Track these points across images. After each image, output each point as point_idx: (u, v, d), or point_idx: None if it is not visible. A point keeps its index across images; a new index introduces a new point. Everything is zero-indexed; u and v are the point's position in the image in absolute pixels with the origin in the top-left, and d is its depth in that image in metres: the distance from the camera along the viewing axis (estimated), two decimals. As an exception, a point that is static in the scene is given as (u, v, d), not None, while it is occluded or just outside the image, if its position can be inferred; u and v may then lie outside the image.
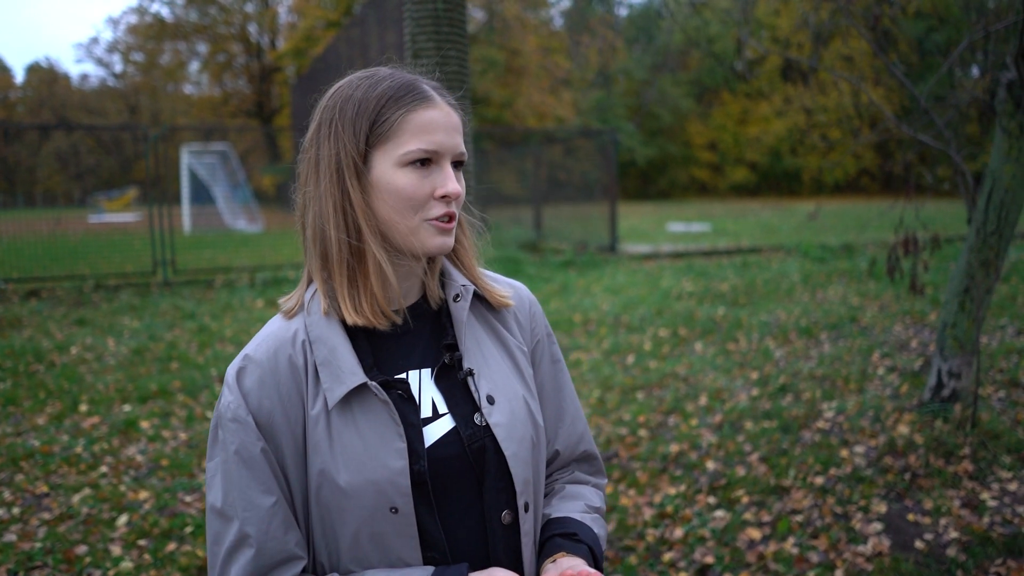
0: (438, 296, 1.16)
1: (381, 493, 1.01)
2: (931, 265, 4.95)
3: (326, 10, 35.03)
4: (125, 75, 51.79)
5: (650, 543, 3.38)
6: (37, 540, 3.50)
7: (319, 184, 1.06)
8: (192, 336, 7.56)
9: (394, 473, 1.01)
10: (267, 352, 1.05)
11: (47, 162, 45.50)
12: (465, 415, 1.09)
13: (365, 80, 1.08)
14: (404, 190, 1.04)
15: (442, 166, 1.06)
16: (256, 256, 13.62)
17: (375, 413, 1.03)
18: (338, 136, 1.05)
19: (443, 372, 1.11)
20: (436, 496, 1.05)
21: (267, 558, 1.01)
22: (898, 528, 3.36)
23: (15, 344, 7.08)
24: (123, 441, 4.77)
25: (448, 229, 1.07)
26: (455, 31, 2.68)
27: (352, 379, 1.02)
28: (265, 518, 1.01)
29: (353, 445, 1.02)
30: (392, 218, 1.05)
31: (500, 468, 1.09)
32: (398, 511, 1.02)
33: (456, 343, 1.13)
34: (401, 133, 1.03)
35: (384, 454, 1.02)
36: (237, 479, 1.01)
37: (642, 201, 41.31)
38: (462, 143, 1.09)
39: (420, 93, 1.06)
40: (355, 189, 1.04)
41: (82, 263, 12.43)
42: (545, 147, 18.50)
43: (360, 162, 1.04)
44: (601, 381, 5.76)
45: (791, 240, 15.31)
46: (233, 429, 1.02)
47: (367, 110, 1.04)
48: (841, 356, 6.08)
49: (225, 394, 1.05)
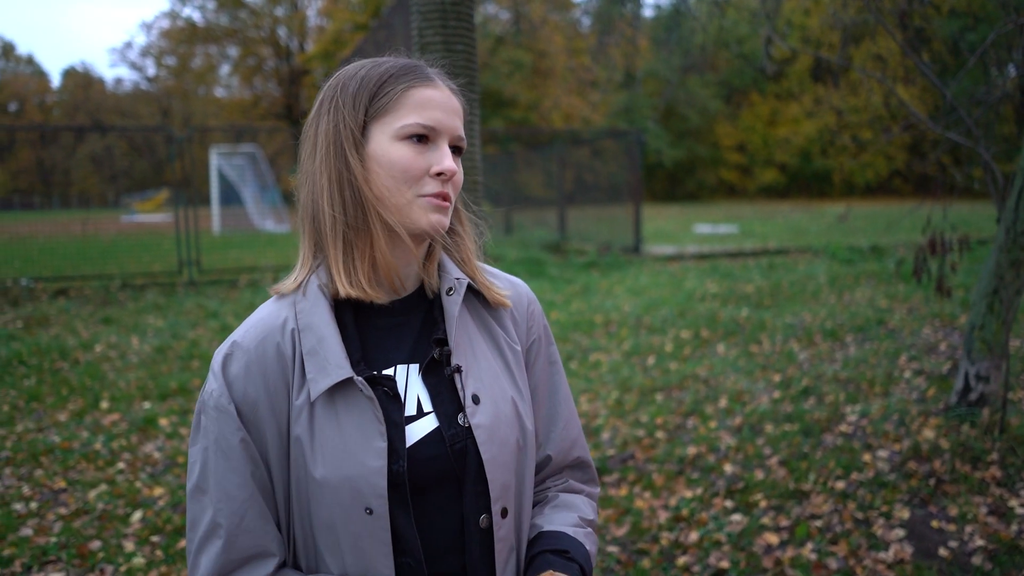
0: (435, 287, 1.13)
1: (356, 492, 0.98)
2: (960, 267, 4.81)
3: (354, 13, 35.31)
4: (158, 79, 52.65)
5: (664, 546, 3.32)
6: (52, 535, 3.52)
7: (315, 158, 1.05)
8: (214, 335, 7.62)
9: (371, 472, 0.98)
10: (255, 339, 1.03)
11: (82, 164, 46.39)
12: (449, 414, 1.06)
13: (369, 62, 1.08)
14: (400, 162, 1.02)
15: (439, 144, 1.04)
16: (281, 256, 13.73)
17: (358, 408, 1.00)
18: (338, 110, 1.04)
19: (431, 368, 1.08)
20: (413, 497, 1.02)
21: (237, 551, 0.98)
22: (921, 535, 3.27)
23: (41, 342, 7.18)
24: (141, 438, 4.81)
25: (443, 207, 1.04)
26: (462, 25, 2.64)
27: (338, 372, 0.99)
28: (239, 511, 0.99)
29: (332, 439, 0.99)
30: (389, 191, 1.02)
31: (480, 471, 1.06)
32: (372, 512, 0.98)
33: (446, 338, 1.09)
34: (400, 107, 1.03)
35: (363, 452, 0.99)
36: (214, 468, 0.99)
37: (669, 203, 41.06)
38: (461, 128, 1.07)
39: (421, 72, 1.06)
40: (354, 160, 1.03)
41: (111, 263, 12.61)
42: (571, 148, 18.43)
43: (359, 134, 1.03)
44: (620, 382, 5.70)
45: (819, 242, 15.09)
46: (214, 417, 1.00)
47: (369, 84, 1.04)
48: (867, 359, 5.95)
49: (210, 380, 1.03)
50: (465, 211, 1.17)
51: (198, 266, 11.81)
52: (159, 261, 12.56)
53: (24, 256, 12.51)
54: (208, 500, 0.99)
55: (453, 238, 1.15)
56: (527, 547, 1.14)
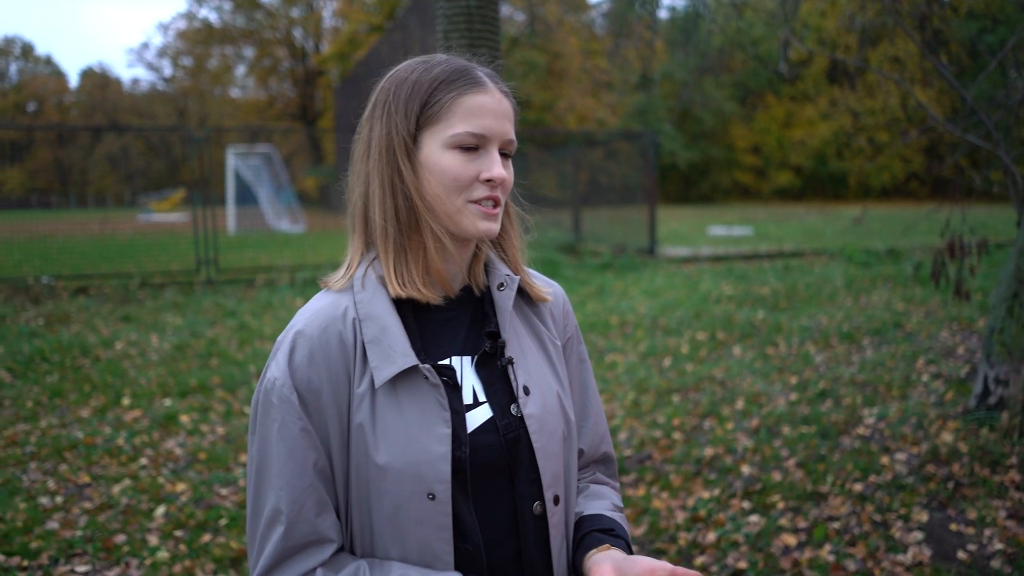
0: (482, 284, 1.17)
1: (420, 478, 1.01)
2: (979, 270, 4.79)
3: (369, 14, 35.46)
4: (174, 79, 53.02)
5: (682, 546, 3.33)
6: (78, 528, 3.58)
7: (368, 162, 1.09)
8: (232, 333, 7.69)
9: (435, 458, 1.01)
10: (318, 327, 1.05)
11: (99, 164, 46.78)
12: (503, 404, 1.10)
13: (421, 64, 1.10)
14: (450, 170, 1.05)
15: (489, 151, 1.07)
16: (297, 256, 13.81)
17: (421, 396, 1.03)
18: (391, 116, 1.07)
19: (483, 360, 1.11)
20: (471, 484, 1.05)
21: (296, 538, 1.01)
22: (940, 538, 3.27)
23: (63, 339, 7.27)
24: (163, 434, 4.87)
25: (493, 214, 1.07)
26: (488, 28, 2.67)
27: (404, 360, 1.02)
28: (299, 499, 1.01)
29: (396, 426, 1.02)
30: (439, 198, 1.06)
31: (532, 460, 1.10)
32: (435, 498, 1.01)
33: (499, 331, 1.13)
34: (451, 115, 1.05)
35: (426, 438, 1.02)
36: (275, 456, 1.01)
37: (683, 205, 40.95)
38: (512, 131, 1.09)
39: (472, 78, 1.07)
40: (406, 168, 1.06)
41: (129, 262, 12.74)
42: (585, 150, 18.44)
43: (411, 142, 1.06)
44: (636, 383, 5.71)
45: (835, 244, 15.03)
46: (276, 406, 1.02)
47: (420, 91, 1.06)
48: (884, 362, 5.94)
49: (272, 368, 1.04)
50: (515, 208, 1.20)
51: (216, 265, 11.91)
52: (176, 260, 12.67)
53: (43, 254, 12.65)
54: (269, 488, 1.01)
55: (501, 236, 1.19)
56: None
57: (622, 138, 19.28)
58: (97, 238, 15.74)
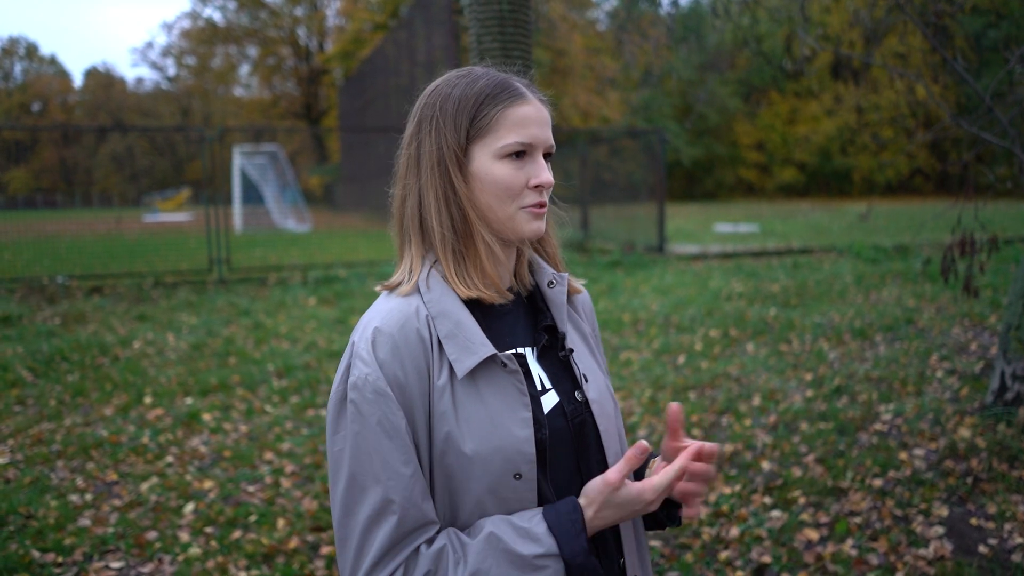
0: (528, 282, 1.25)
1: (507, 460, 1.07)
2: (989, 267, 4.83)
3: (373, 13, 35.48)
4: (178, 78, 53.14)
5: (706, 541, 3.38)
6: (109, 525, 3.64)
7: (420, 176, 1.15)
8: (248, 332, 7.75)
9: (520, 441, 1.08)
10: (397, 323, 1.09)
11: (103, 163, 46.89)
12: (568, 391, 1.19)
13: (462, 79, 1.16)
14: (502, 180, 1.12)
15: (535, 157, 1.14)
16: (305, 255, 13.87)
17: (500, 383, 1.10)
18: (440, 131, 1.13)
19: (544, 351, 1.20)
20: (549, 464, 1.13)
21: (408, 524, 1.05)
22: (961, 532, 3.31)
23: (80, 338, 7.33)
24: (186, 432, 4.93)
25: (540, 215, 1.16)
26: (519, 31, 2.72)
27: (483, 350, 1.09)
28: (408, 486, 1.05)
29: (479, 414, 1.08)
30: (491, 206, 1.13)
31: (597, 441, 1.19)
32: (522, 477, 1.08)
33: (555, 324, 1.22)
34: (499, 128, 1.12)
35: (510, 422, 1.09)
36: (377, 449, 1.05)
37: (687, 202, 40.94)
38: (551, 136, 1.17)
39: (515, 91, 1.14)
40: (459, 180, 1.13)
41: (140, 261, 12.80)
42: (591, 147, 18.45)
43: (461, 155, 1.13)
44: (652, 380, 5.76)
45: (842, 241, 15.04)
46: (372, 400, 1.05)
47: (467, 107, 1.12)
48: (897, 358, 5.98)
49: (359, 366, 1.08)
50: (552, 207, 1.27)
51: (228, 264, 11.97)
52: (187, 259, 12.73)
53: (53, 254, 12.72)
54: (375, 480, 1.05)
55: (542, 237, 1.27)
56: None
57: (628, 135, 19.30)
58: (106, 238, 15.82)
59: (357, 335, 1.12)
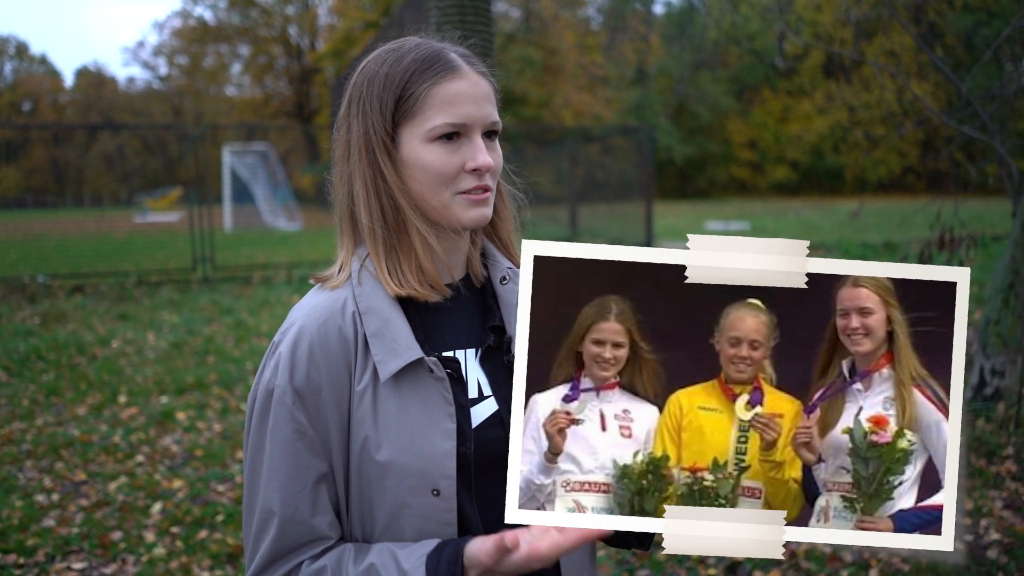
0: (481, 274, 1.14)
1: (423, 474, 0.99)
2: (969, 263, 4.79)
3: (365, 11, 35.37)
4: (170, 78, 52.93)
5: (679, 539, 3.34)
6: (74, 526, 3.58)
7: (349, 163, 1.06)
8: (229, 331, 7.68)
9: (440, 454, 0.99)
10: (316, 322, 1.02)
11: (95, 163, 46.68)
12: (508, 398, 1.05)
13: (391, 54, 1.05)
14: (433, 165, 1.01)
15: (472, 138, 1.03)
16: (294, 254, 13.81)
17: (425, 390, 1.01)
18: (366, 115, 1.04)
19: (487, 353, 1.09)
20: (474, 479, 1.04)
21: (291, 539, 0.99)
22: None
23: (59, 337, 7.26)
24: (160, 431, 4.86)
25: (482, 200, 1.04)
26: (480, 20, 2.67)
27: (409, 353, 1.00)
28: (293, 501, 0.99)
29: (398, 421, 1.00)
30: (424, 195, 1.03)
31: None
32: (440, 493, 0.99)
33: (504, 325, 1.11)
34: (427, 108, 1.01)
35: (431, 433, 1.00)
36: (269, 457, 1.00)
37: (680, 200, 40.94)
38: (494, 112, 1.05)
39: (446, 63, 1.02)
40: (387, 167, 1.03)
41: (126, 260, 12.72)
42: (582, 145, 18.44)
43: (388, 140, 1.03)
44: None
45: (832, 238, 15.04)
46: (275, 408, 1.00)
47: (392, 86, 1.02)
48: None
49: (269, 368, 1.02)
50: (507, 187, 1.17)
51: (212, 263, 11.90)
52: (173, 258, 12.66)
53: (39, 254, 12.64)
54: (262, 488, 1.00)
55: (494, 218, 1.15)
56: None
57: (618, 133, 19.28)
58: (93, 237, 15.73)
59: (278, 334, 1.05)
